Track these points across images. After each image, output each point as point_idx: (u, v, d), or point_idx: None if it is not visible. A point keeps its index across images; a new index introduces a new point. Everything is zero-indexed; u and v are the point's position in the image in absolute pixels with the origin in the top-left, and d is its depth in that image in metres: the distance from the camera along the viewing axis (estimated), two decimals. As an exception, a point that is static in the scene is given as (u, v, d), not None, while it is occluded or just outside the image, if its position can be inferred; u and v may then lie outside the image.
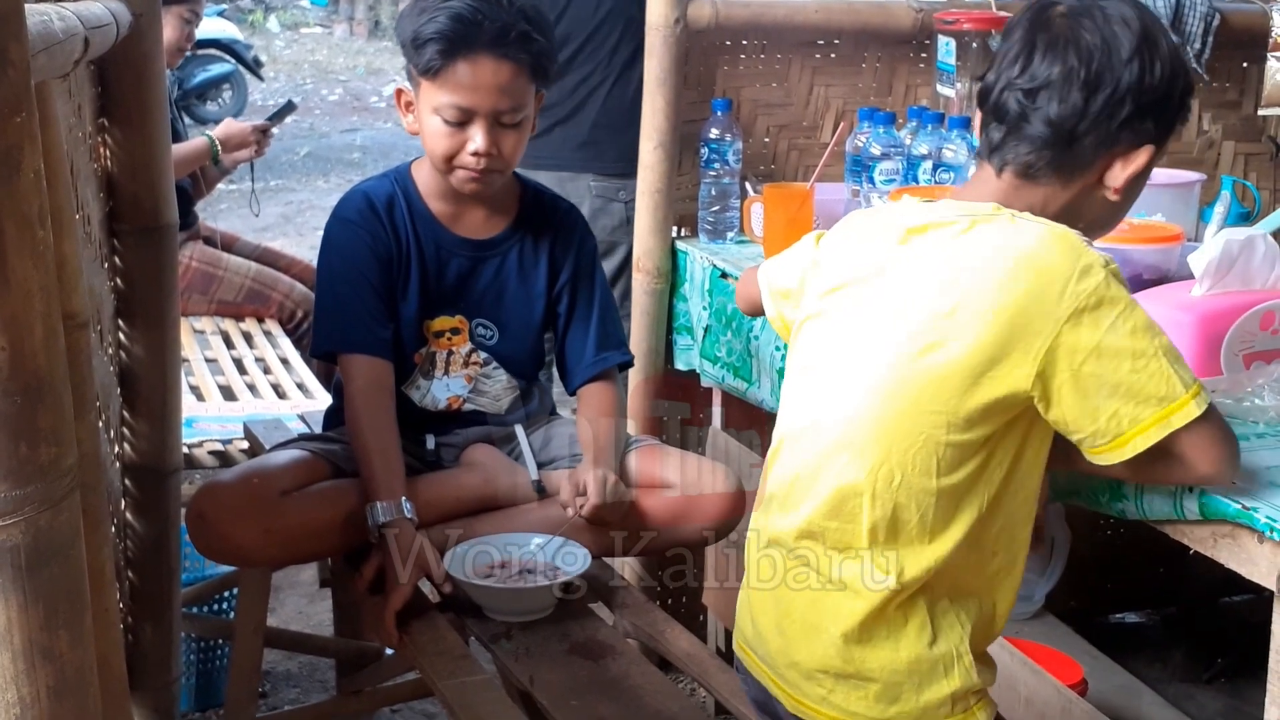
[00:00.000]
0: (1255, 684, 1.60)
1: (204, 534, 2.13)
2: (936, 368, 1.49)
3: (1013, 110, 1.55)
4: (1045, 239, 1.48)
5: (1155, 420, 1.46)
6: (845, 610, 1.58)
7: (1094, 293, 1.44)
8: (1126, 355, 1.45)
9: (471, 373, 2.32)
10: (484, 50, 2.11)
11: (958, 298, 1.48)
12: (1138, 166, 1.55)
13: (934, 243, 1.55)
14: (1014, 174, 1.57)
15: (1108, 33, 1.51)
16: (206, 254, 3.87)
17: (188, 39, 3.92)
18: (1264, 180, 3.15)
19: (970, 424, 1.49)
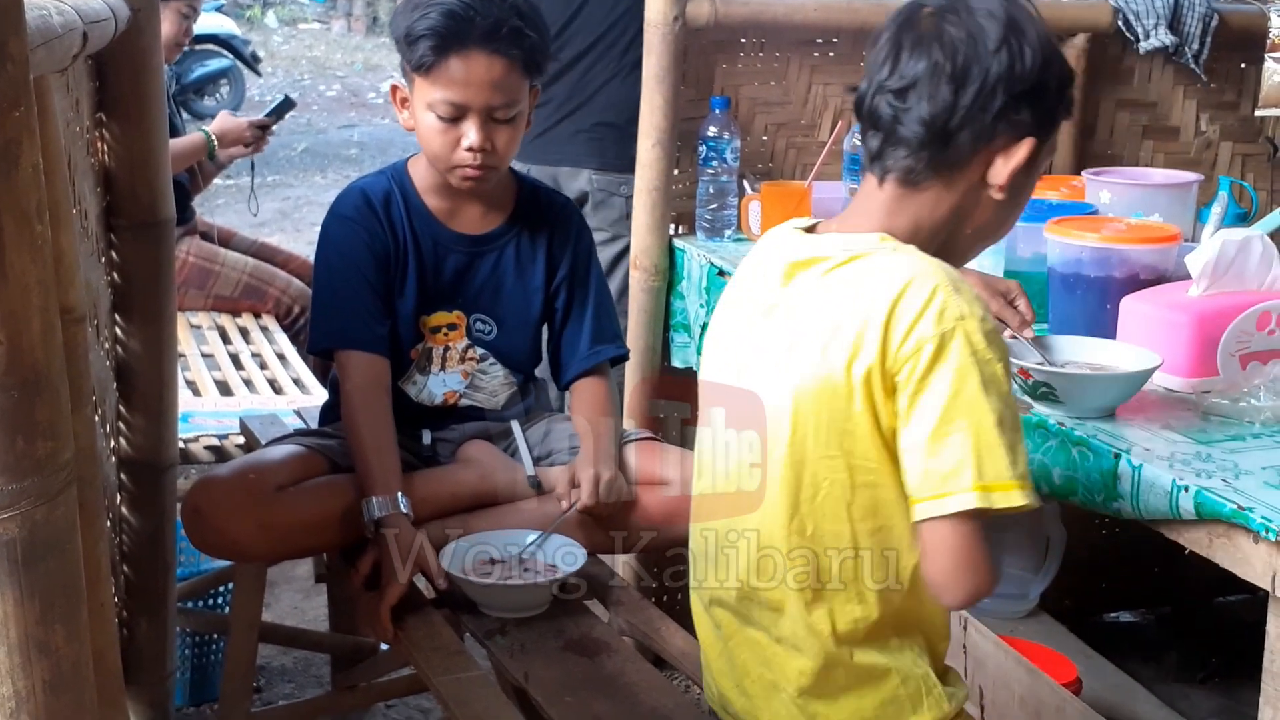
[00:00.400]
0: (1249, 684, 1.60)
1: (199, 528, 2.13)
2: (826, 411, 1.46)
3: (885, 114, 1.51)
4: (918, 275, 1.43)
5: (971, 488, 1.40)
6: (795, 669, 1.55)
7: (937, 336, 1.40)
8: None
9: (468, 368, 2.32)
10: (476, 46, 2.11)
11: (838, 336, 1.45)
12: (1019, 160, 1.51)
13: (815, 280, 1.52)
14: (896, 182, 1.53)
15: (973, 25, 1.48)
16: (203, 249, 3.87)
17: (185, 34, 3.91)
18: (1261, 181, 3.16)
19: (869, 462, 1.47)
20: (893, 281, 1.43)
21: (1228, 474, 1.63)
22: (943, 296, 1.41)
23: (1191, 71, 3.11)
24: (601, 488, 2.15)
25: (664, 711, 1.84)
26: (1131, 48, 3.06)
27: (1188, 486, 1.60)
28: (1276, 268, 2.01)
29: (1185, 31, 3.07)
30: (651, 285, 2.80)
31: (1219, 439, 1.76)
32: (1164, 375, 1.92)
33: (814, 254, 1.53)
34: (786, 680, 1.56)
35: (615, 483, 2.17)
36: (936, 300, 1.41)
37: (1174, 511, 1.62)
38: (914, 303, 1.41)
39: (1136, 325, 1.98)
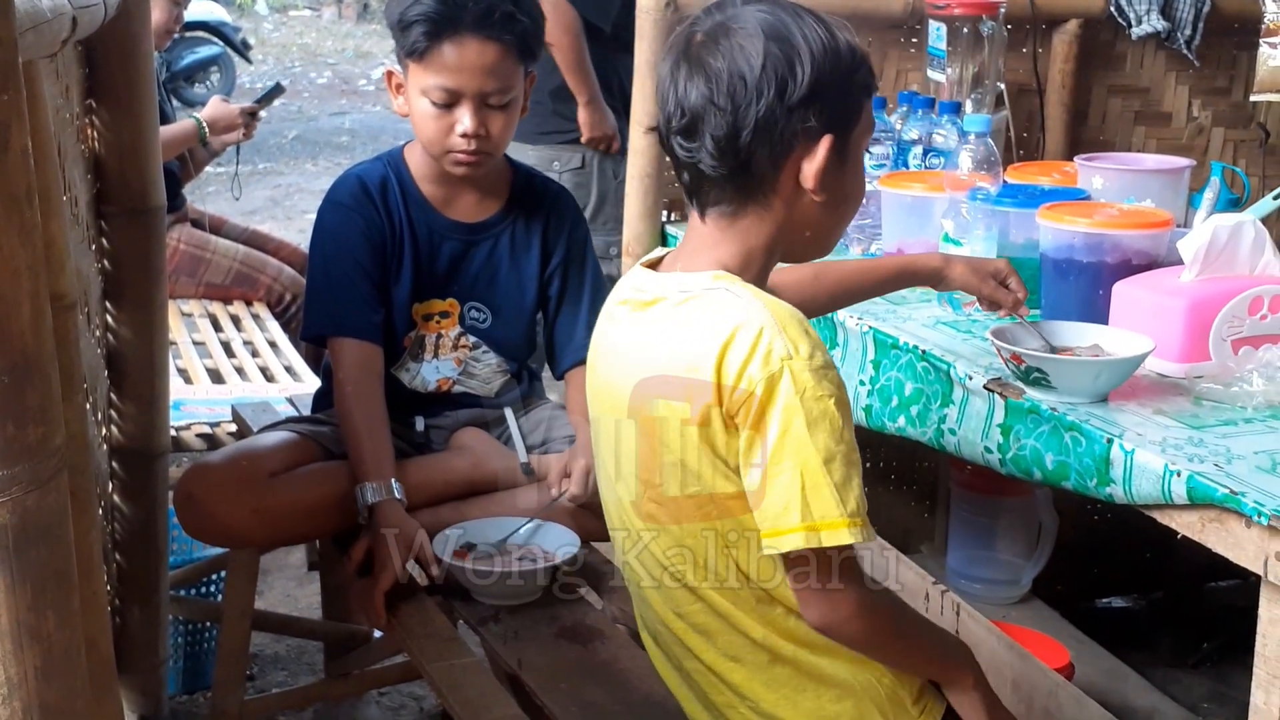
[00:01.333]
0: (1241, 668, 1.61)
1: (192, 514, 2.12)
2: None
3: (680, 154, 1.50)
4: (747, 319, 1.43)
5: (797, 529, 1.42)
6: (740, 679, 1.57)
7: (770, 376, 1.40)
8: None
9: (461, 355, 2.32)
10: (469, 31, 2.11)
11: (672, 376, 1.47)
12: (823, 158, 1.49)
13: (656, 318, 1.53)
14: (716, 217, 1.52)
15: (734, 51, 1.45)
16: (194, 236, 3.86)
17: (176, 21, 3.90)
18: (1253, 166, 3.16)
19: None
20: (723, 325, 1.44)
21: (1220, 459, 1.63)
22: (768, 337, 1.41)
23: (1184, 57, 3.11)
24: (592, 479, 2.15)
25: (657, 698, 1.84)
26: (1124, 33, 3.06)
27: (1180, 471, 1.60)
28: (1268, 253, 2.01)
29: (1178, 17, 3.07)
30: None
31: (1211, 424, 1.76)
32: (1156, 360, 1.92)
33: (655, 294, 1.54)
34: (737, 696, 1.57)
35: None
36: (763, 343, 1.41)
37: (1166, 496, 1.63)
38: (742, 346, 1.41)
39: (1129, 310, 1.98)
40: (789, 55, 1.45)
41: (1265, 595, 1.52)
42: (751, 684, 1.56)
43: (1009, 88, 2.84)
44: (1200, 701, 2.90)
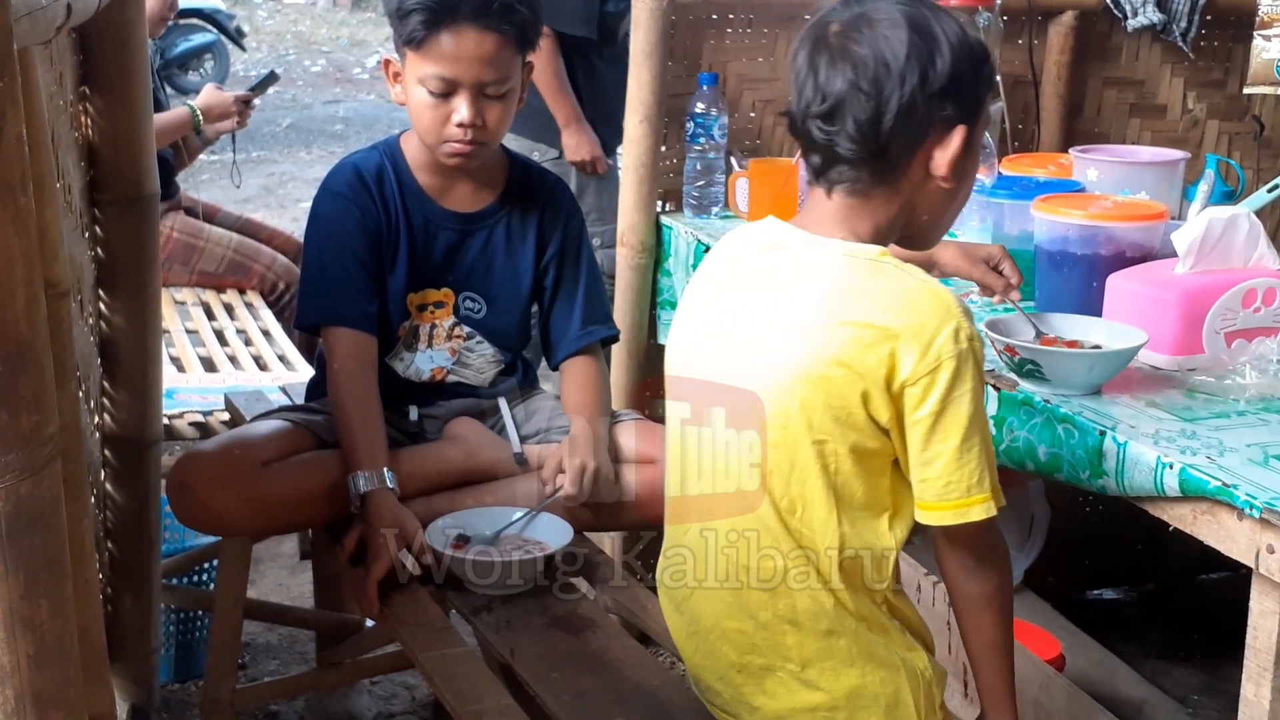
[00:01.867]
0: (1232, 661, 1.61)
1: (185, 503, 2.12)
2: (823, 398, 1.52)
3: (818, 137, 1.56)
4: (934, 295, 1.52)
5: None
6: (793, 643, 1.60)
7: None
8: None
9: (455, 345, 2.32)
10: (467, 21, 2.10)
11: (846, 336, 1.51)
12: (956, 149, 1.56)
13: (816, 277, 1.55)
14: (844, 194, 1.58)
15: (879, 40, 1.52)
16: (188, 224, 3.85)
17: (170, 8, 3.88)
18: (1248, 159, 3.16)
19: (863, 448, 1.55)
20: (910, 299, 1.50)
21: (1212, 451, 1.64)
22: (956, 318, 1.50)
23: (1179, 49, 3.11)
24: (586, 478, 2.15)
25: (649, 688, 1.84)
26: (1119, 25, 3.06)
27: (1172, 464, 1.61)
28: (1262, 245, 2.01)
29: (1173, 9, 3.07)
30: (639, 262, 2.80)
31: (1204, 416, 1.76)
32: (1150, 353, 1.92)
33: (811, 255, 1.57)
34: (783, 658, 1.59)
35: (601, 474, 2.17)
36: (953, 321, 1.49)
37: (1159, 488, 1.63)
38: (931, 322, 1.49)
39: (1123, 303, 1.98)
40: (930, 46, 1.52)
41: (1256, 588, 1.52)
42: (803, 649, 1.59)
43: (1004, 79, 2.84)
44: (1191, 693, 2.91)
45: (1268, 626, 1.51)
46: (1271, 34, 2.84)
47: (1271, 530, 1.47)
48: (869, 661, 1.59)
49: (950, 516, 1.53)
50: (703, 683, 1.70)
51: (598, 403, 2.30)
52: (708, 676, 1.69)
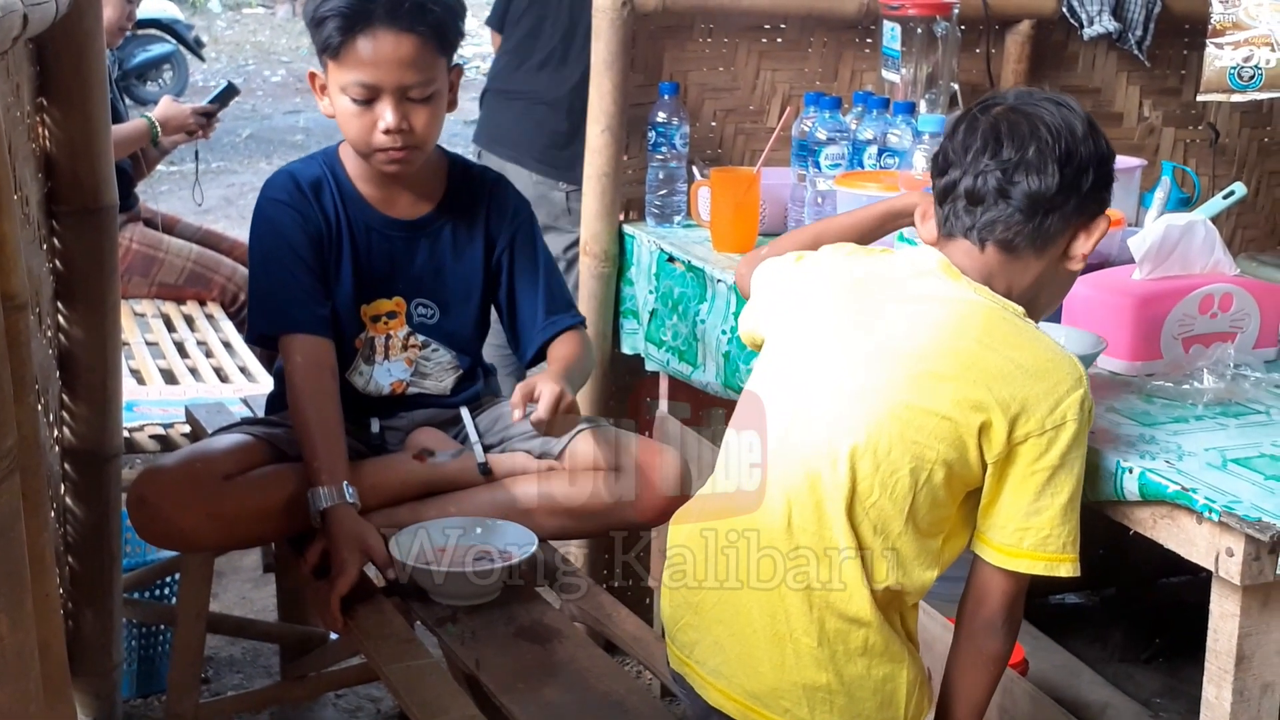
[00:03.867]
0: (1193, 663, 1.63)
1: (145, 519, 2.10)
2: (924, 430, 1.60)
3: (991, 190, 1.65)
4: (1069, 360, 1.61)
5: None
6: (819, 618, 1.64)
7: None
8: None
9: (411, 355, 2.30)
10: (382, 24, 2.08)
11: (975, 377, 1.59)
12: (1099, 235, 1.68)
13: (952, 316, 1.63)
14: (996, 248, 1.67)
15: (1065, 115, 1.66)
16: (147, 236, 3.82)
17: (129, 18, 3.86)
18: (1203, 166, 3.19)
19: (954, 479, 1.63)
20: (1051, 359, 1.60)
21: (1171, 456, 1.65)
22: (1084, 386, 1.59)
23: (1135, 58, 3.14)
24: (562, 406, 2.10)
25: (616, 697, 1.84)
26: (1076, 34, 3.09)
27: (1132, 468, 1.62)
28: (1218, 251, 2.03)
29: (1129, 18, 3.10)
30: (601, 271, 2.80)
31: (1163, 421, 1.78)
32: (1108, 358, 1.94)
33: (950, 291, 1.66)
34: (803, 630, 1.63)
35: (571, 406, 2.11)
36: (1081, 389, 1.59)
37: (1118, 493, 1.64)
38: (1065, 385, 1.58)
39: (1081, 308, 2.00)
40: (1098, 137, 1.68)
41: (1216, 591, 1.54)
42: (825, 626, 1.63)
43: (963, 88, 2.86)
44: (1153, 696, 2.93)
45: (1228, 629, 1.53)
46: (1224, 41, 2.87)
47: (1230, 534, 1.49)
48: (880, 656, 1.63)
49: (1041, 567, 1.61)
50: (707, 639, 1.72)
51: (578, 355, 2.27)
52: (718, 631, 1.70)
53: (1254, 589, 1.50)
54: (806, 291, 1.78)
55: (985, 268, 1.67)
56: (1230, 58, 2.84)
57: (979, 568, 1.66)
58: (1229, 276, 2.02)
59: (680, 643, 1.76)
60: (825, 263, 1.80)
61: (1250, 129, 3.33)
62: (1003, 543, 1.61)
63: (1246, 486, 1.56)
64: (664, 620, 1.80)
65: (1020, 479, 1.59)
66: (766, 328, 1.82)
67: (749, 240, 2.62)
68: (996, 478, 1.60)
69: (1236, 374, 1.88)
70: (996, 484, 1.60)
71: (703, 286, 2.53)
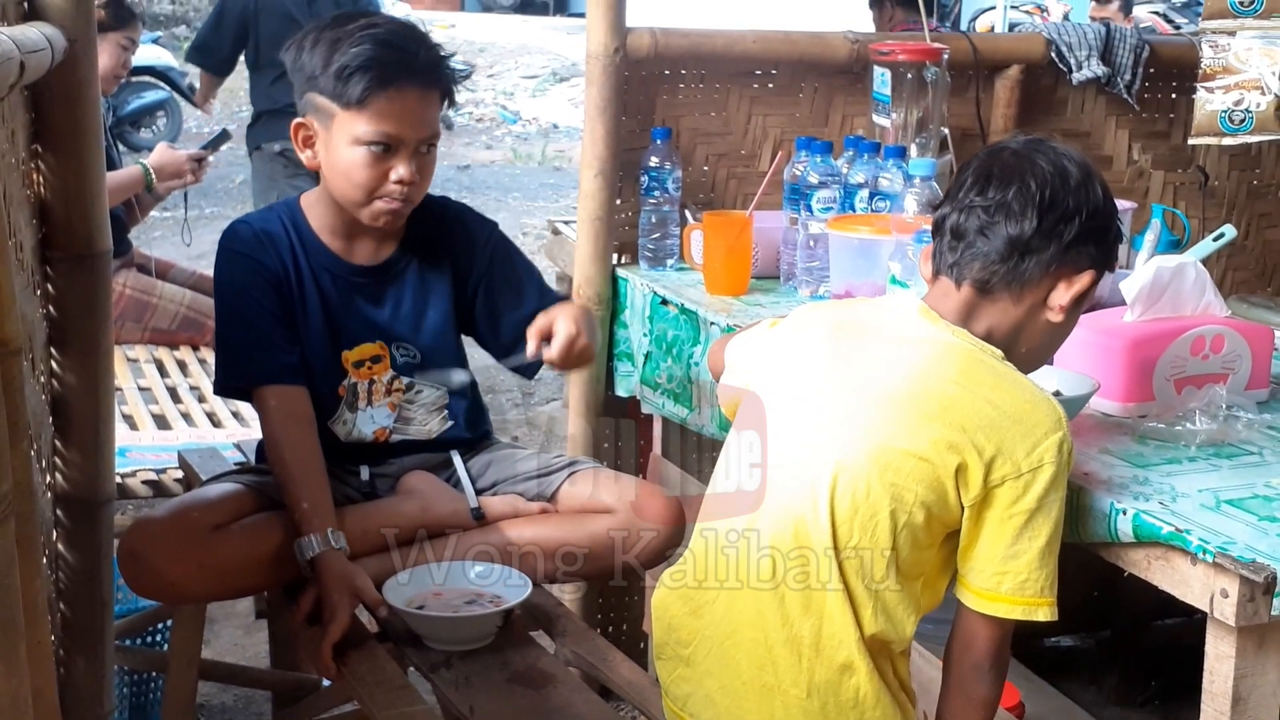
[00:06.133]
0: (1189, 706, 1.62)
1: (136, 571, 2.08)
2: (909, 470, 1.60)
3: (973, 228, 1.68)
4: (1049, 403, 1.62)
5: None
6: (805, 669, 1.64)
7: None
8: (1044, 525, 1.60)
9: (395, 400, 2.29)
10: (409, 80, 2.11)
11: (954, 419, 1.59)
12: (1081, 288, 1.68)
13: (929, 356, 1.64)
14: (971, 288, 1.68)
15: (1059, 163, 1.68)
16: (141, 281, 3.83)
17: (124, 66, 3.88)
18: (1193, 209, 3.21)
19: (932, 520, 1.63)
20: (1029, 402, 1.60)
21: (1165, 497, 1.66)
22: (1063, 430, 1.59)
23: (1124, 101, 3.17)
24: (577, 348, 2.11)
25: (610, 742, 1.83)
26: (1065, 78, 3.11)
27: (1126, 510, 1.62)
28: (1209, 293, 2.04)
29: (1117, 62, 3.13)
30: (595, 314, 2.81)
31: (1156, 462, 1.78)
32: (1101, 400, 1.95)
33: (937, 338, 1.67)
34: (792, 681, 1.62)
35: (588, 350, 2.13)
36: (1059, 432, 1.59)
37: (1112, 535, 1.64)
38: (1042, 429, 1.58)
39: (1074, 350, 2.00)
40: (1098, 190, 1.69)
41: (1211, 632, 1.54)
42: (814, 676, 1.63)
43: (953, 132, 2.88)
44: (1149, 739, 2.92)
45: (1223, 671, 1.52)
46: (1214, 86, 2.90)
47: (1225, 575, 1.49)
48: (873, 709, 1.62)
49: (1020, 611, 1.61)
50: (700, 693, 1.71)
51: (582, 309, 2.25)
52: (710, 685, 1.70)
53: (1249, 630, 1.50)
54: (785, 345, 1.78)
55: (963, 308, 1.69)
56: (1221, 101, 2.87)
57: (962, 612, 1.66)
58: (1220, 318, 2.03)
59: (674, 695, 1.76)
60: (802, 317, 1.81)
61: (1239, 171, 3.35)
62: (981, 586, 1.61)
63: (1240, 527, 1.56)
64: (656, 671, 1.80)
65: (998, 522, 1.59)
66: (748, 386, 1.81)
67: (742, 283, 2.63)
68: (974, 520, 1.60)
69: (1229, 415, 1.88)
70: (974, 527, 1.60)
71: (696, 329, 2.54)
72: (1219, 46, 2.86)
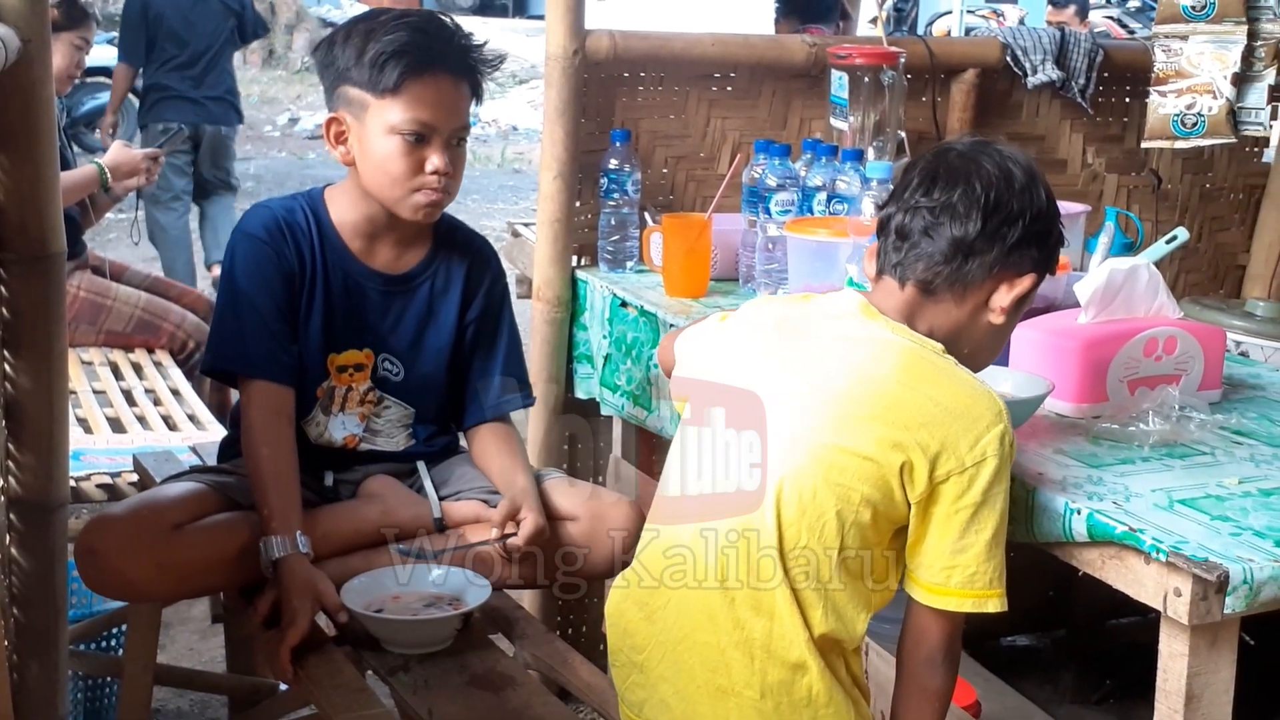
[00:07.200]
0: (1143, 704, 1.64)
1: (94, 569, 2.06)
2: (851, 466, 1.60)
3: (917, 229, 1.68)
4: (990, 396, 1.62)
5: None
6: (757, 670, 1.64)
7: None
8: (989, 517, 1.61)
9: (365, 411, 2.28)
10: (443, 68, 2.12)
11: (896, 416, 1.60)
12: (1022, 290, 1.69)
13: (873, 354, 1.65)
14: (915, 288, 1.69)
15: (1004, 166, 1.68)
16: (95, 283, 3.79)
17: (78, 66, 3.85)
18: (1146, 211, 3.25)
19: (878, 518, 1.63)
20: (970, 396, 1.61)
21: (1119, 496, 1.67)
22: (1004, 422, 1.60)
23: (1078, 105, 3.20)
24: (539, 538, 2.15)
25: (570, 744, 1.83)
26: (1020, 83, 3.14)
27: (1080, 509, 1.64)
28: (1162, 295, 2.06)
29: (1072, 66, 3.16)
30: (555, 317, 2.81)
31: (1110, 462, 1.80)
32: (1055, 401, 1.96)
33: (879, 336, 1.67)
34: (745, 683, 1.62)
35: (543, 533, 2.16)
36: (1000, 425, 1.60)
37: (1067, 534, 1.66)
38: (984, 422, 1.59)
39: (1028, 352, 2.02)
40: (1042, 193, 1.70)
41: (1165, 631, 1.55)
42: (766, 677, 1.63)
43: (909, 135, 2.90)
44: (1104, 738, 2.95)
45: (1177, 669, 1.54)
46: (1167, 89, 2.93)
47: (1178, 574, 1.50)
48: (825, 707, 1.63)
49: (970, 604, 1.62)
50: (654, 698, 1.71)
51: (527, 464, 2.31)
52: (664, 690, 1.70)
53: (1202, 628, 1.51)
54: (735, 343, 1.79)
55: (906, 307, 1.70)
56: (1173, 105, 2.90)
57: (912, 607, 1.67)
58: (1173, 320, 2.05)
59: (630, 702, 1.76)
60: (751, 313, 1.81)
61: (1192, 175, 3.39)
62: (931, 581, 1.62)
63: (1193, 527, 1.58)
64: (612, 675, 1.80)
65: (944, 517, 1.60)
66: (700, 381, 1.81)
67: (701, 285, 2.64)
68: (920, 517, 1.61)
69: (1181, 416, 1.90)
70: (921, 523, 1.61)
71: (656, 331, 2.54)
72: (1171, 50, 2.89)
